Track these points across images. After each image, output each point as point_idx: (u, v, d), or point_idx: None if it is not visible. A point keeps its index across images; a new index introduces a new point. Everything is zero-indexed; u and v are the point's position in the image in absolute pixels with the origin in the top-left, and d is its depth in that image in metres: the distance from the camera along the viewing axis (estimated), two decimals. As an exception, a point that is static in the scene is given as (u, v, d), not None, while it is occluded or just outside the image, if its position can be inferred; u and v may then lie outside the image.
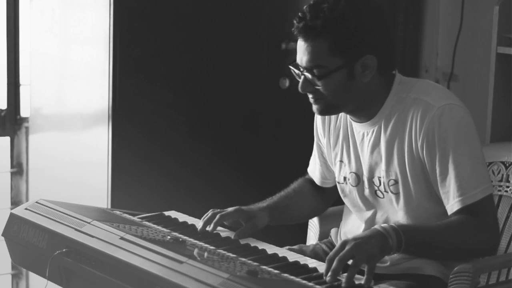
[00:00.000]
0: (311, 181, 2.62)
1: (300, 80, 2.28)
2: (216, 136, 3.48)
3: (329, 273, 1.99)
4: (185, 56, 3.38)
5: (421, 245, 2.17)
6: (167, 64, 3.35)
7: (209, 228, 2.36)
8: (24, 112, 3.82)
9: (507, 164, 2.65)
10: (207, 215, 2.40)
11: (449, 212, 2.24)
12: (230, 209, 2.41)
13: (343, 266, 2.00)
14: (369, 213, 2.40)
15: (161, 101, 3.36)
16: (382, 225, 2.12)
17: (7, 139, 3.85)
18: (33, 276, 3.77)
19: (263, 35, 3.53)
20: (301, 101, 3.62)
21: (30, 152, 3.84)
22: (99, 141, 3.34)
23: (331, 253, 2.04)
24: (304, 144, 2.71)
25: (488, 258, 2.52)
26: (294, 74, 2.32)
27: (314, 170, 2.61)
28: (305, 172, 2.65)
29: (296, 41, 2.28)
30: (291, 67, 2.31)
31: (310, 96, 2.30)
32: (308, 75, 2.25)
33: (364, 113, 2.32)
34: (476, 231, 2.20)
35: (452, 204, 2.22)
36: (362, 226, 2.42)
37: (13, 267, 3.88)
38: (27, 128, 3.82)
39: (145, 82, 3.33)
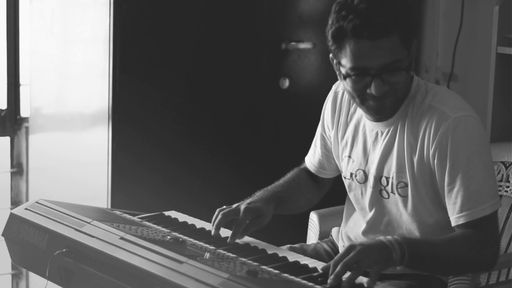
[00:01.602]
0: (307, 171, 2.61)
1: (374, 83, 2.18)
2: (216, 136, 3.48)
3: (332, 276, 1.99)
4: (185, 56, 3.38)
5: (424, 259, 2.16)
6: (167, 64, 3.35)
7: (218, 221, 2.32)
8: (24, 112, 3.82)
9: (507, 164, 2.65)
10: (217, 217, 2.35)
11: (453, 224, 2.22)
12: (241, 212, 2.35)
13: (347, 270, 2.00)
14: (371, 213, 2.39)
15: (161, 101, 3.36)
16: (387, 237, 2.11)
17: (7, 139, 3.85)
18: (33, 276, 3.77)
19: (263, 35, 3.53)
20: (301, 101, 3.64)
21: (30, 152, 3.84)
22: (99, 141, 3.34)
23: (336, 257, 2.03)
24: (304, 144, 2.71)
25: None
26: (348, 86, 2.23)
27: (312, 160, 2.59)
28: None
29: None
30: (353, 75, 2.19)
31: (376, 99, 2.21)
32: (384, 75, 2.18)
33: None
34: (479, 246, 2.19)
35: (458, 216, 2.21)
36: (364, 226, 2.41)
37: (13, 267, 3.88)
38: (27, 128, 3.82)
39: (145, 82, 3.33)
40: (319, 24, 3.59)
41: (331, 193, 2.63)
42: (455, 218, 2.21)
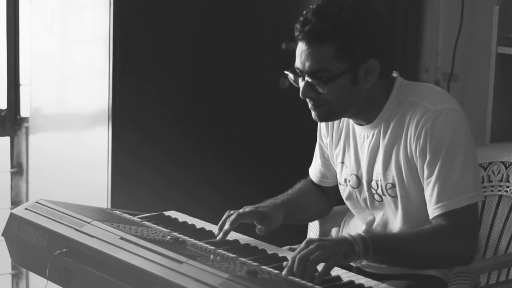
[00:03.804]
0: (314, 184, 2.61)
1: (301, 86, 2.24)
2: (216, 136, 3.48)
3: (287, 269, 2.00)
4: (185, 56, 3.38)
5: (390, 252, 2.16)
6: (167, 64, 3.35)
7: (226, 227, 2.30)
8: (24, 112, 3.82)
9: (507, 164, 2.65)
10: (223, 219, 2.35)
11: (431, 216, 2.22)
12: (246, 210, 2.37)
13: (304, 264, 2.00)
14: (370, 216, 2.40)
15: (161, 101, 3.36)
16: (351, 233, 2.11)
17: (7, 139, 3.85)
18: (33, 276, 3.77)
19: (263, 35, 3.53)
20: (301, 101, 3.63)
21: (30, 152, 3.84)
22: (99, 141, 3.34)
23: (295, 252, 2.04)
24: (304, 144, 2.72)
25: (488, 258, 2.52)
26: (291, 80, 2.28)
27: (314, 170, 2.60)
28: (305, 172, 2.65)
29: (295, 42, 2.26)
30: (288, 72, 2.27)
31: (310, 102, 2.28)
32: (311, 80, 2.22)
33: (364, 116, 2.32)
34: (451, 239, 2.18)
35: (434, 207, 2.21)
36: (363, 227, 2.41)
37: (13, 267, 3.88)
38: (27, 128, 3.82)
39: (145, 82, 3.33)
40: (319, 24, 3.59)
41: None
42: (431, 210, 2.22)
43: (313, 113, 2.30)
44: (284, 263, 2.05)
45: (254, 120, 3.57)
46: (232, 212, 2.37)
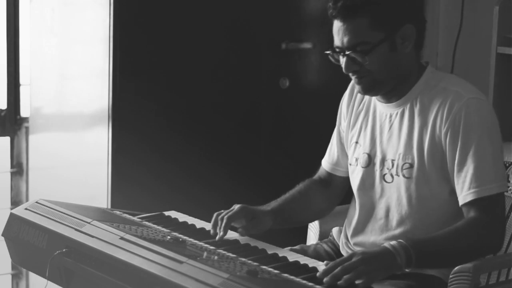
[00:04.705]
0: (317, 182, 2.61)
1: (343, 61, 2.28)
2: (216, 136, 3.48)
3: (330, 276, 1.99)
4: (185, 56, 3.38)
5: (431, 256, 2.18)
6: (167, 64, 3.35)
7: (221, 233, 2.31)
8: (24, 112, 3.82)
9: (507, 164, 2.65)
10: (222, 221, 2.35)
11: (461, 202, 2.24)
12: (235, 208, 2.38)
13: (345, 274, 2.00)
14: (369, 201, 2.40)
15: (161, 101, 3.36)
16: (391, 243, 2.12)
17: (7, 139, 3.85)
18: (33, 276, 3.77)
19: (263, 35, 3.53)
20: (301, 101, 3.63)
21: (30, 152, 3.84)
22: (99, 141, 3.33)
23: (338, 259, 2.05)
24: (304, 144, 2.71)
25: (488, 258, 2.52)
26: (333, 60, 2.33)
27: (327, 158, 2.60)
28: (305, 172, 2.65)
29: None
30: (328, 52, 2.32)
31: (354, 76, 2.32)
32: (352, 54, 2.26)
33: (395, 92, 2.35)
34: (485, 231, 2.21)
35: (466, 194, 2.23)
36: (357, 213, 2.42)
37: (13, 267, 3.88)
38: (27, 128, 3.82)
39: (145, 82, 3.33)
40: (319, 24, 3.59)
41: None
42: (463, 196, 2.23)
43: (357, 87, 2.34)
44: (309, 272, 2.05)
45: (254, 121, 3.57)
46: (222, 211, 2.37)
